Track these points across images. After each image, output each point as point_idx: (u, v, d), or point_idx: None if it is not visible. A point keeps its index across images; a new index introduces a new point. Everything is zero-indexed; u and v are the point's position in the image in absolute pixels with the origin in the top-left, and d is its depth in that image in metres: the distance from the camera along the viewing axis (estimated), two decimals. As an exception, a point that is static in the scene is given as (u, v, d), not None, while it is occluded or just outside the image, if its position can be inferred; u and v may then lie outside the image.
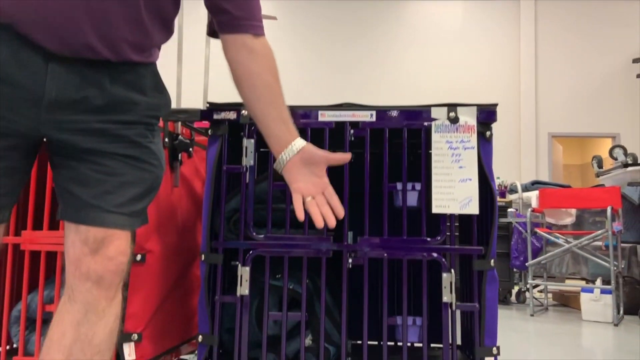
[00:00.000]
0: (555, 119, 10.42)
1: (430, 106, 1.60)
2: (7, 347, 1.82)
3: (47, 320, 1.66)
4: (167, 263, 1.81)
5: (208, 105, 1.67)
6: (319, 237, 1.60)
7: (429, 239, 1.58)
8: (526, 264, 4.91)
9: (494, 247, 1.55)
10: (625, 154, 5.72)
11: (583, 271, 5.39)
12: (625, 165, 5.39)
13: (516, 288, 5.62)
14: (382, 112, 1.62)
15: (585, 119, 10.41)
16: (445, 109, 1.59)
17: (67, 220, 1.02)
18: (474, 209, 1.54)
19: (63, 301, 1.03)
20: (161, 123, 1.82)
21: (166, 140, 1.84)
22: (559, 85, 10.51)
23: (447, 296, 1.54)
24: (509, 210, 5.36)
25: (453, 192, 1.55)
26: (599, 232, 4.50)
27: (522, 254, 5.26)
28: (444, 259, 1.56)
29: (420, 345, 2.01)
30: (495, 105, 1.58)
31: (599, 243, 4.83)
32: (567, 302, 5.30)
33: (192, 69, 6.54)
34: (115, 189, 1.01)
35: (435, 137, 1.58)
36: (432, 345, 2.00)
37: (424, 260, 1.57)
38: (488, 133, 1.59)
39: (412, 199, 1.61)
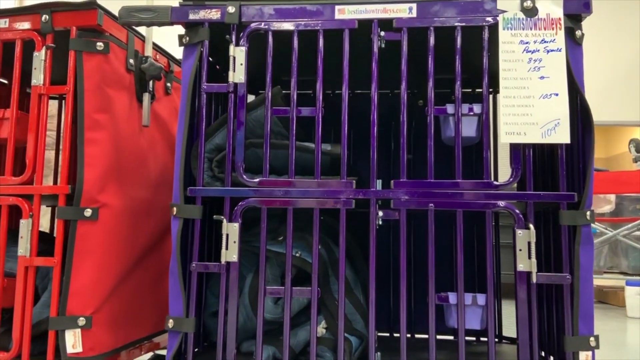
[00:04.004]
0: (581, 107, 9.85)
1: (495, -6, 1.12)
2: None
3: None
4: (131, 224, 1.35)
5: (181, 1, 1.21)
6: (337, 181, 1.13)
7: (495, 182, 1.10)
8: (562, 254, 4.41)
9: (590, 192, 1.07)
10: (669, 134, 5.16)
11: (622, 264, 4.90)
12: (670, 147, 4.86)
13: (547, 283, 5.12)
14: (425, 4, 1.14)
15: (614, 107, 9.83)
16: (517, -4, 1.11)
17: None
18: (563, 136, 1.06)
19: None
20: (124, 38, 1.36)
21: (130, 61, 1.38)
22: (587, 71, 9.95)
23: (524, 263, 1.06)
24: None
25: (531, 112, 1.07)
26: (647, 217, 4.00)
27: (556, 245, 4.76)
28: (517, 210, 1.08)
29: (473, 337, 1.53)
30: (591, -11, 1.11)
31: (642, 233, 4.33)
32: (606, 299, 4.77)
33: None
34: None
35: (503, 36, 1.11)
36: (481, 338, 1.52)
37: (488, 213, 1.09)
38: (578, 32, 1.12)
39: (470, 128, 1.14)
